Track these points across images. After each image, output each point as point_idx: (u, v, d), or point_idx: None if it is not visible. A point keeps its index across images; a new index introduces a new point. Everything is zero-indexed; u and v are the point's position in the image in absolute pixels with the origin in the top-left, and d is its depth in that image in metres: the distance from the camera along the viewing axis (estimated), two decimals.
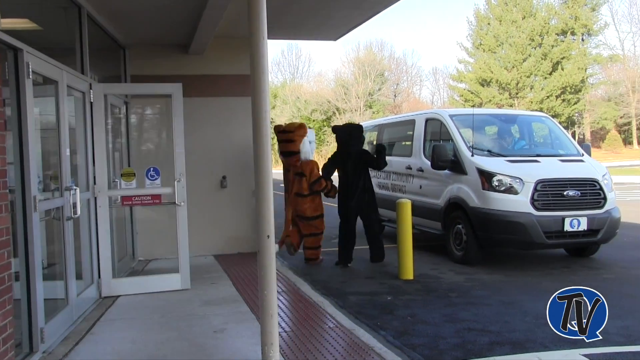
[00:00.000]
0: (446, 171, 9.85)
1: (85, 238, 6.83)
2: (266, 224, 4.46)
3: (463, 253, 9.38)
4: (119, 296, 7.19)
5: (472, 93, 56.49)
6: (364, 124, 13.46)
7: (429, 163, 10.31)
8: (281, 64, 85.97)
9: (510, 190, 8.84)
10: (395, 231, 8.98)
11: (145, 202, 7.34)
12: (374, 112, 59.86)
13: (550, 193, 8.83)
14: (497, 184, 8.91)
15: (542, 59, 54.28)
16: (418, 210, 10.43)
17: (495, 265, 9.28)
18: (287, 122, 12.04)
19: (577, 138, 54.93)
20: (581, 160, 9.77)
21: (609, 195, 9.15)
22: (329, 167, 9.77)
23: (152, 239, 9.59)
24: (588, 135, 58.02)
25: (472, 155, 9.42)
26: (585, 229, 8.84)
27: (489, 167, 9.13)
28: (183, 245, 7.47)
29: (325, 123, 61.45)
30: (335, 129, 9.96)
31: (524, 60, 54.76)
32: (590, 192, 9.03)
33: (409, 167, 11.05)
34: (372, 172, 10.35)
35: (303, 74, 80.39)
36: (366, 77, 61.68)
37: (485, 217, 8.92)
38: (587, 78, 56.12)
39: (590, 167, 9.50)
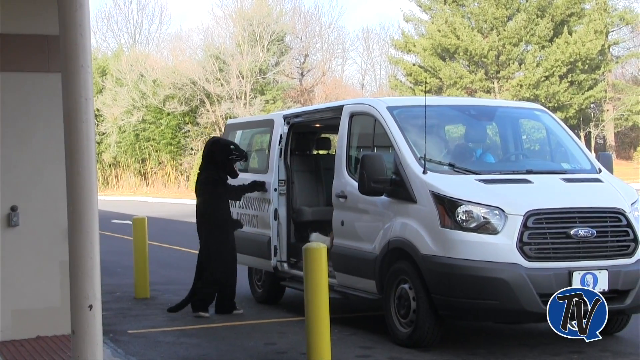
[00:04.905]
0: (383, 197, 10.03)
1: None
2: (87, 285, 4.43)
3: (411, 329, 9.54)
4: None
5: (426, 71, 57.41)
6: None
7: (355, 184, 10.43)
8: (113, 18, 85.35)
9: (485, 227, 9.06)
10: (300, 295, 9.06)
11: None
12: (267, 102, 59.60)
13: (548, 232, 9.11)
14: (464, 218, 9.13)
15: (537, 16, 55.86)
16: (338, 261, 10.61)
17: (462, 349, 9.55)
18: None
19: (593, 144, 56.63)
20: (598, 180, 10.13)
21: None
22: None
23: None
24: (611, 140, 60.00)
25: (425, 172, 9.59)
26: (606, 289, 9.05)
27: (451, 191, 9.35)
28: None
29: (187, 118, 60.89)
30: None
31: (509, 19, 56.25)
32: (612, 231, 9.34)
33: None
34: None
35: (151, 37, 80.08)
36: (255, 43, 61.25)
37: (445, 270, 9.10)
38: (609, 47, 58.13)
39: (613, 190, 9.86)
